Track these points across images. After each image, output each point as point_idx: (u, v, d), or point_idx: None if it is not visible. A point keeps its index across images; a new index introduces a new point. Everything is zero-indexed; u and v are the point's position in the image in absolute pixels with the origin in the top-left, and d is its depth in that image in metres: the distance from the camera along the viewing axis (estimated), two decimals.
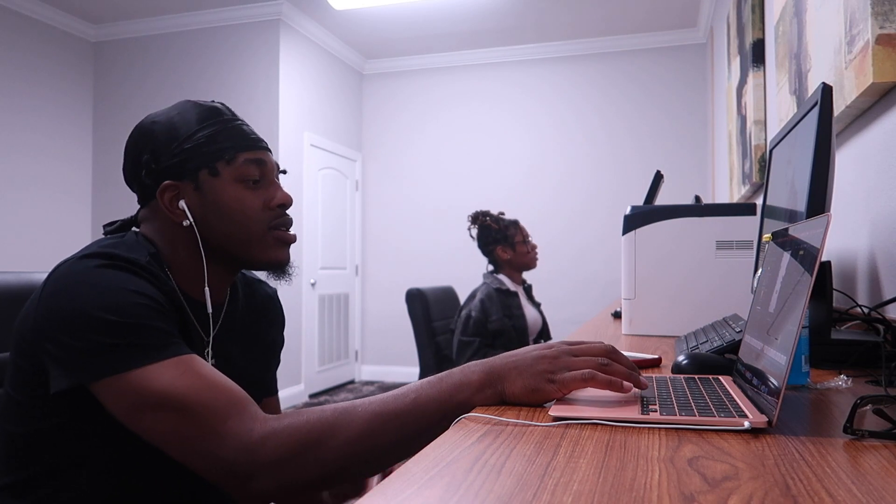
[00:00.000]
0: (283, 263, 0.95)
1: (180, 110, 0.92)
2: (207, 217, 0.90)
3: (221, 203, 0.90)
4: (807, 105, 1.00)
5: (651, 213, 1.58)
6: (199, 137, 0.89)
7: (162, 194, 0.89)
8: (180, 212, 0.89)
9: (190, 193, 0.90)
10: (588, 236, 5.54)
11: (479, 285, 2.78)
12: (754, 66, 2.74)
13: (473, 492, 0.48)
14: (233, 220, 0.91)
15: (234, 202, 0.90)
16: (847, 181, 1.45)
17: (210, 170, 0.90)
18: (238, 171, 0.91)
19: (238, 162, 0.91)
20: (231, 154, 0.91)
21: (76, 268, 0.79)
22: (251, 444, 0.72)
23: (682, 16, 5.06)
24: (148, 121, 0.91)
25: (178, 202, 0.89)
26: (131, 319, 0.75)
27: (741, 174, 3.10)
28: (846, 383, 0.83)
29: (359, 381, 5.90)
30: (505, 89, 5.79)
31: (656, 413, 0.67)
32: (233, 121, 0.93)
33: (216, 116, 0.92)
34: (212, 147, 0.90)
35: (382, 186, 6.04)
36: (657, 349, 1.30)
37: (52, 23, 4.83)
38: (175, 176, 0.89)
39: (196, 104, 0.93)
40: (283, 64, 4.88)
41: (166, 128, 0.90)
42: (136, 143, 0.91)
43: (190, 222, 0.89)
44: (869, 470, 0.51)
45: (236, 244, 0.92)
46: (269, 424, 0.73)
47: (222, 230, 0.91)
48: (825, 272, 0.98)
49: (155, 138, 0.90)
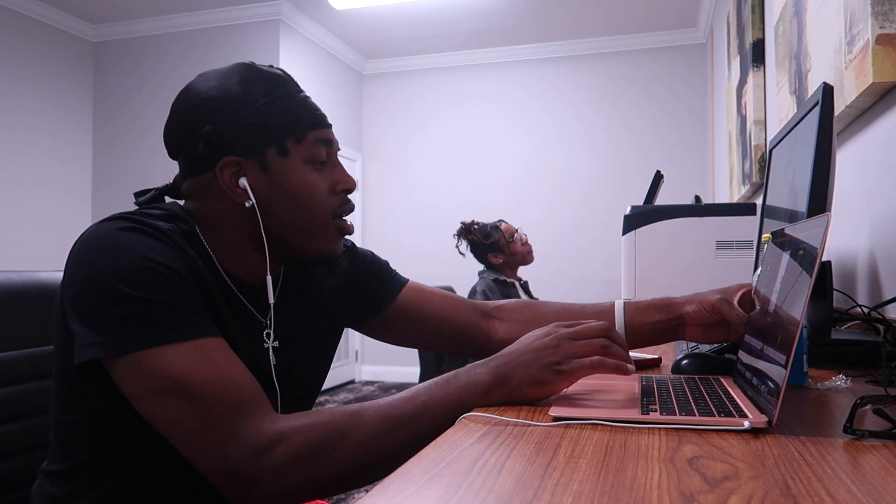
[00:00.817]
0: (335, 256, 0.89)
1: (242, 77, 0.83)
2: (271, 199, 0.82)
3: (289, 186, 0.83)
4: (807, 105, 1.00)
5: (651, 213, 1.58)
6: (267, 111, 0.81)
7: (222, 170, 0.81)
8: (241, 191, 0.81)
9: (254, 172, 0.82)
10: (588, 236, 5.54)
11: (477, 282, 2.81)
12: (754, 66, 2.74)
13: (473, 492, 0.48)
14: (300, 206, 0.83)
15: (303, 186, 0.83)
16: (847, 181, 1.45)
17: (279, 148, 0.82)
18: (308, 151, 0.84)
19: (308, 141, 0.84)
20: (301, 132, 0.83)
21: (97, 231, 0.74)
22: (259, 447, 0.69)
23: (682, 16, 5.06)
24: (204, 85, 0.82)
25: (239, 180, 0.81)
26: (148, 293, 0.70)
27: (741, 174, 3.10)
28: (846, 383, 0.83)
29: (359, 381, 5.90)
30: (505, 89, 5.79)
31: (656, 413, 0.67)
32: (298, 93, 0.85)
33: (284, 87, 0.84)
34: (282, 123, 0.82)
35: (382, 186, 6.04)
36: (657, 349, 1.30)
37: (52, 23, 4.83)
38: (238, 152, 0.81)
39: (259, 70, 0.84)
40: (283, 64, 4.88)
41: (229, 96, 0.81)
42: (193, 109, 0.82)
43: (252, 203, 0.81)
44: (869, 470, 0.51)
45: (297, 231, 0.84)
46: (278, 426, 0.70)
47: (286, 215, 0.83)
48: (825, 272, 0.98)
49: (216, 107, 0.81)
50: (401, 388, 5.46)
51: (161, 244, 0.74)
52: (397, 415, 0.73)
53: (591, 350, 0.74)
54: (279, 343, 0.88)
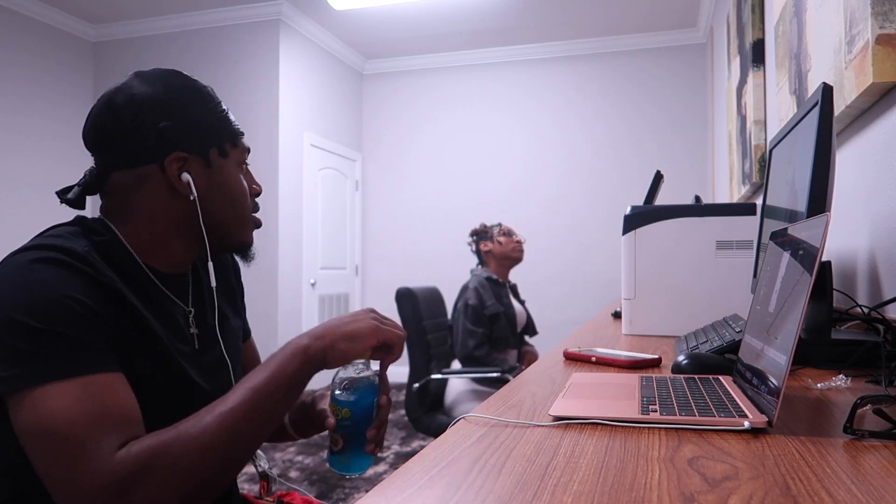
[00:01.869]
0: (251, 245, 0.99)
1: (184, 81, 0.90)
2: (210, 195, 0.90)
3: (227, 184, 0.92)
4: (807, 105, 1.00)
5: (651, 213, 1.58)
6: (212, 116, 0.91)
7: (171, 164, 0.87)
8: (184, 184, 0.88)
9: (197, 168, 0.89)
10: (588, 236, 5.54)
11: (469, 279, 2.91)
12: (754, 66, 2.75)
13: (473, 492, 0.48)
14: (233, 202, 0.93)
15: (237, 184, 0.94)
16: (847, 181, 1.45)
17: (220, 150, 0.92)
18: (240, 155, 0.95)
19: (240, 147, 0.95)
20: (235, 139, 0.94)
21: (10, 264, 0.77)
22: (109, 469, 0.69)
23: (682, 16, 5.06)
24: (150, 86, 0.88)
25: (182, 174, 0.88)
26: (53, 326, 0.72)
27: (741, 174, 3.10)
28: (846, 383, 0.83)
29: None
30: (505, 89, 5.79)
31: (656, 413, 0.67)
32: (222, 104, 0.95)
33: (216, 97, 0.94)
34: (225, 127, 0.92)
35: (382, 186, 6.04)
36: (657, 349, 1.30)
37: (52, 23, 4.83)
38: (186, 148, 0.88)
39: (194, 79, 0.92)
40: (283, 64, 4.88)
41: (179, 97, 0.88)
42: (141, 105, 0.87)
43: (194, 197, 0.88)
44: (869, 470, 0.51)
45: (228, 224, 0.93)
46: (129, 456, 0.71)
47: (220, 209, 0.92)
48: (825, 272, 0.98)
49: (167, 106, 0.87)
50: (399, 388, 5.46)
51: (72, 275, 0.76)
52: (231, 407, 0.76)
53: (392, 324, 0.87)
54: (201, 331, 0.95)
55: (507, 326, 2.82)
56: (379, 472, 3.17)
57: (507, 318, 2.83)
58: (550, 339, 5.38)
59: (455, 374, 2.60)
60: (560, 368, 1.09)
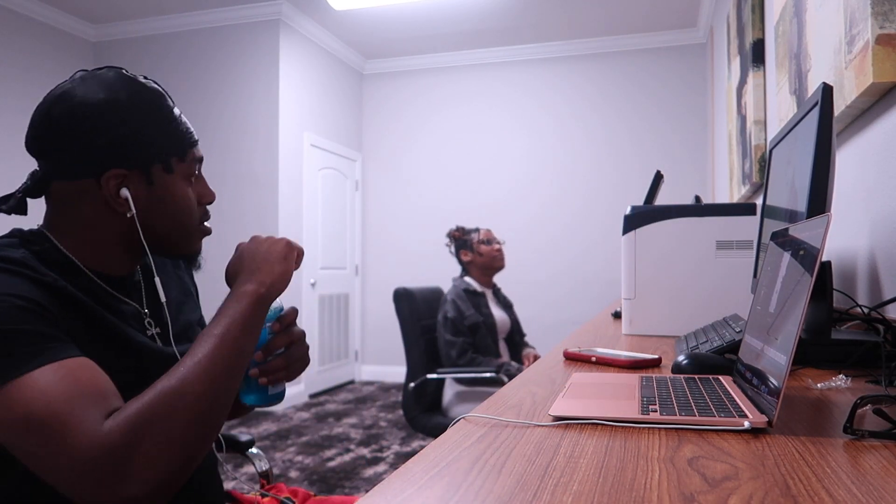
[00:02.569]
0: (198, 254, 0.98)
1: (129, 90, 0.85)
2: (150, 211, 0.87)
3: (170, 200, 0.89)
4: (807, 105, 1.00)
5: (651, 213, 1.58)
6: (154, 129, 0.86)
7: (108, 181, 0.84)
8: (122, 201, 0.85)
9: (138, 185, 0.86)
10: (588, 236, 5.54)
11: (448, 289, 2.90)
12: (754, 66, 2.75)
13: (473, 492, 0.48)
14: (177, 217, 0.90)
15: (182, 200, 0.90)
16: (847, 181, 1.45)
17: (165, 166, 0.88)
18: (188, 168, 0.91)
19: (188, 159, 0.91)
20: (183, 151, 0.90)
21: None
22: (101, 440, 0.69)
23: (682, 16, 5.06)
24: (92, 95, 0.83)
25: (121, 191, 0.84)
26: (6, 325, 0.72)
27: (741, 174, 3.10)
28: (846, 383, 0.83)
29: (359, 381, 5.90)
30: (505, 89, 5.79)
31: (656, 413, 0.67)
32: (174, 108, 0.90)
33: (165, 102, 0.88)
34: (167, 141, 0.87)
35: (382, 186, 6.04)
36: (657, 349, 1.30)
37: (52, 23, 4.84)
38: (125, 164, 0.84)
39: (141, 84, 0.87)
40: (283, 64, 4.88)
41: (119, 110, 0.83)
42: (81, 118, 0.82)
43: (132, 214, 0.85)
44: (869, 470, 0.51)
45: (173, 237, 0.91)
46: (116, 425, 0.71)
47: (164, 224, 0.89)
48: (825, 272, 0.98)
49: (107, 120, 0.83)
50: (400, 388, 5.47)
51: (15, 277, 0.76)
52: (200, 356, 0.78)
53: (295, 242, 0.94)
54: (161, 329, 0.94)
55: (488, 335, 2.82)
56: (379, 472, 3.18)
57: (487, 328, 2.83)
58: (550, 339, 5.38)
59: (450, 373, 2.61)
60: (560, 368, 1.09)
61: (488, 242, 2.97)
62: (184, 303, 1.03)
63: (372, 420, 4.33)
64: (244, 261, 0.88)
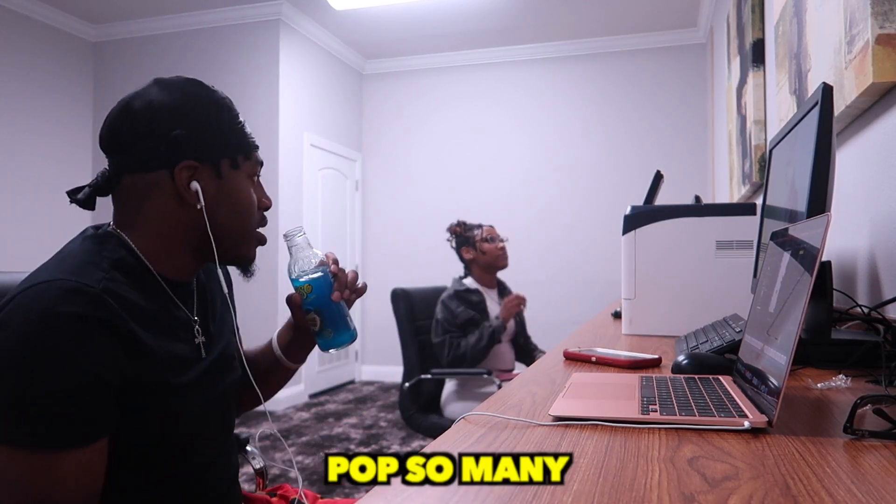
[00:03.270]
0: (252, 260, 1.00)
1: (203, 93, 0.91)
2: (218, 205, 0.90)
3: (236, 195, 0.92)
4: (807, 105, 1.00)
5: (651, 213, 1.58)
6: (227, 127, 0.91)
7: (181, 172, 0.87)
8: (192, 193, 0.88)
9: (207, 178, 0.89)
10: (588, 236, 5.54)
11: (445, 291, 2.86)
12: (754, 66, 2.74)
13: (473, 492, 0.48)
14: (240, 214, 0.93)
15: (246, 198, 0.94)
16: (847, 181, 1.45)
17: (232, 162, 0.92)
18: (251, 168, 0.95)
19: (252, 160, 0.95)
20: (249, 151, 0.94)
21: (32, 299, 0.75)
22: None
23: (682, 16, 5.06)
24: (169, 93, 0.89)
25: (191, 183, 0.88)
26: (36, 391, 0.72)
27: (741, 174, 3.10)
28: (846, 383, 0.83)
29: (359, 382, 5.90)
30: (505, 89, 5.79)
31: (656, 413, 0.67)
32: (239, 116, 0.96)
33: (234, 109, 0.94)
34: (236, 140, 0.92)
35: (382, 186, 6.04)
36: (657, 349, 1.30)
37: (52, 23, 4.83)
38: (198, 157, 0.88)
39: (213, 90, 0.93)
40: (283, 64, 4.88)
41: (196, 107, 0.89)
42: (158, 112, 0.87)
43: (202, 206, 0.88)
44: (869, 470, 0.51)
45: (233, 236, 0.93)
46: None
47: (228, 221, 0.92)
48: (825, 272, 0.98)
49: (184, 115, 0.88)
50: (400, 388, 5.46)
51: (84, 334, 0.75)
52: None
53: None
54: (206, 338, 0.96)
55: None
56: None
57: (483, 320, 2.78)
58: (550, 339, 5.38)
59: (444, 373, 2.61)
60: (560, 368, 1.09)
61: (491, 240, 2.88)
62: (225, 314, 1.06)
63: (372, 420, 4.33)
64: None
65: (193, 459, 0.91)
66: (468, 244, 2.91)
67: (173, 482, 0.89)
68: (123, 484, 0.84)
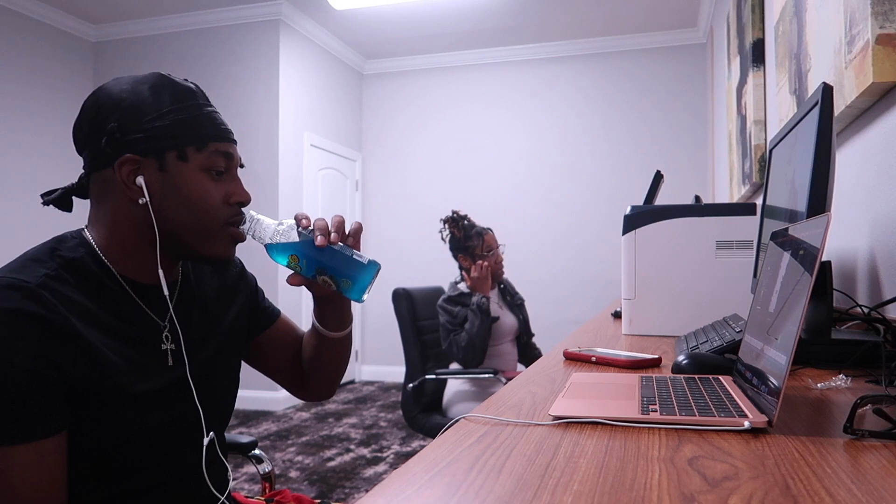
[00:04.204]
0: (228, 260, 0.93)
1: (153, 84, 0.87)
2: (165, 200, 0.86)
3: (184, 190, 0.86)
4: (807, 105, 1.00)
5: (651, 213, 1.58)
6: (171, 117, 0.86)
7: (120, 167, 0.84)
8: (137, 188, 0.85)
9: (152, 172, 0.85)
10: (588, 236, 5.54)
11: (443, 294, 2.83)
12: (754, 65, 2.74)
13: (473, 492, 0.48)
14: (191, 210, 0.87)
15: (196, 192, 0.87)
16: (847, 181, 1.45)
17: (179, 153, 0.86)
18: (206, 160, 0.88)
19: (208, 150, 0.88)
20: (202, 142, 0.87)
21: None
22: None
23: (682, 16, 5.06)
24: (116, 87, 0.86)
25: (136, 178, 0.85)
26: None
27: (741, 174, 3.10)
28: (846, 383, 0.83)
29: (359, 381, 5.90)
30: (505, 89, 5.79)
31: (656, 413, 0.67)
32: (206, 106, 0.90)
33: (191, 99, 0.88)
34: (184, 130, 0.86)
35: (382, 186, 6.04)
36: (657, 349, 1.30)
37: (52, 23, 4.83)
38: (139, 151, 0.84)
39: (171, 81, 0.88)
40: (283, 64, 4.88)
41: (137, 99, 0.85)
42: (101, 107, 0.85)
43: (146, 201, 0.84)
44: (869, 470, 0.51)
45: (188, 233, 0.88)
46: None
47: (178, 217, 0.87)
48: (825, 272, 0.98)
49: (124, 108, 0.85)
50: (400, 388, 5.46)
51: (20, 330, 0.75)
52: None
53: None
54: (180, 345, 0.92)
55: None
56: (379, 472, 3.18)
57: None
58: (550, 339, 5.38)
59: (447, 374, 2.61)
60: (560, 368, 1.09)
61: (490, 251, 2.80)
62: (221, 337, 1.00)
63: (372, 420, 4.33)
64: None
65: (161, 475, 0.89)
66: (465, 252, 2.82)
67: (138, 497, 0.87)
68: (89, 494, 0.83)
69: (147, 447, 0.86)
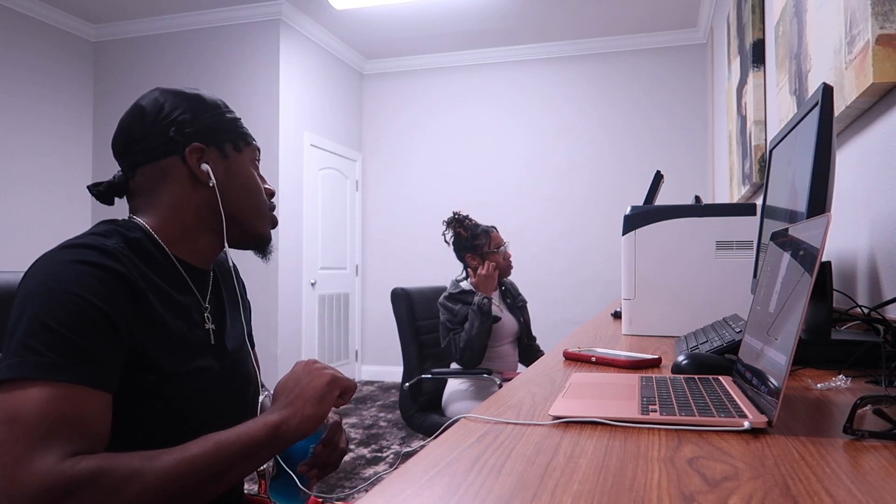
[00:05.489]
0: (270, 239, 1.06)
1: (202, 92, 1.00)
2: (227, 184, 0.98)
3: (242, 175, 1.00)
4: (807, 105, 1.00)
5: (651, 213, 1.58)
6: (224, 118, 1.00)
7: (191, 153, 0.95)
8: (204, 173, 0.95)
9: (216, 160, 0.97)
10: (588, 236, 5.53)
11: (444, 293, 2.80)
12: (754, 66, 2.74)
13: (473, 492, 0.48)
14: (249, 192, 1.00)
15: (251, 178, 1.01)
16: (847, 181, 1.45)
17: (235, 146, 1.00)
18: (252, 154, 1.03)
19: (252, 147, 1.03)
20: (247, 139, 1.03)
21: (47, 259, 0.82)
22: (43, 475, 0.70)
23: (682, 16, 5.06)
24: (170, 94, 0.97)
25: (202, 164, 0.95)
26: (62, 328, 0.76)
27: (741, 174, 3.10)
28: (846, 383, 0.83)
29: (359, 381, 5.90)
30: (505, 89, 5.79)
31: (656, 413, 0.67)
32: (235, 113, 1.04)
33: (228, 108, 1.03)
34: (234, 128, 1.01)
35: (382, 186, 6.04)
36: (657, 349, 1.30)
37: (52, 23, 4.83)
38: (205, 140, 0.96)
39: (211, 95, 1.01)
40: (283, 64, 4.88)
41: (198, 100, 0.98)
42: (165, 102, 0.96)
43: (214, 183, 0.95)
44: (869, 470, 0.51)
45: (245, 213, 1.00)
46: (75, 468, 0.71)
47: (239, 199, 0.99)
48: (825, 272, 0.98)
49: (189, 103, 0.97)
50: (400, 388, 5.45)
51: (99, 278, 0.80)
52: (190, 456, 0.76)
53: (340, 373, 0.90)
54: (216, 326, 1.00)
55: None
56: (379, 472, 3.18)
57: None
58: (550, 339, 5.38)
59: (441, 373, 2.61)
60: (560, 368, 1.09)
61: (498, 249, 2.76)
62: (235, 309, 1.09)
63: (372, 420, 4.33)
64: (287, 385, 0.88)
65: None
66: (473, 251, 2.78)
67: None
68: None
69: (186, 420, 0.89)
